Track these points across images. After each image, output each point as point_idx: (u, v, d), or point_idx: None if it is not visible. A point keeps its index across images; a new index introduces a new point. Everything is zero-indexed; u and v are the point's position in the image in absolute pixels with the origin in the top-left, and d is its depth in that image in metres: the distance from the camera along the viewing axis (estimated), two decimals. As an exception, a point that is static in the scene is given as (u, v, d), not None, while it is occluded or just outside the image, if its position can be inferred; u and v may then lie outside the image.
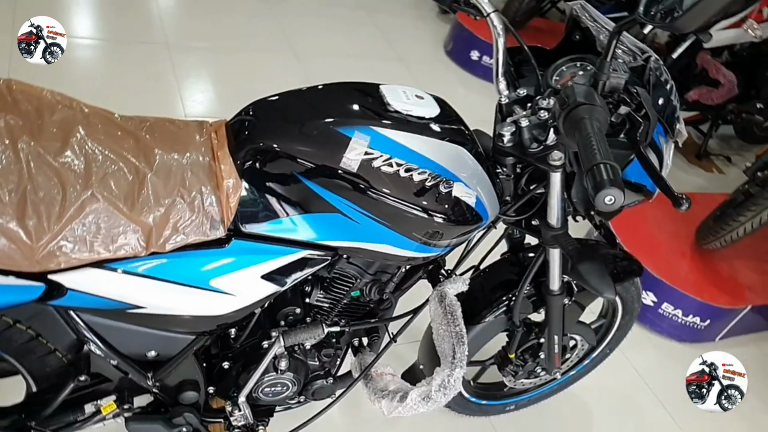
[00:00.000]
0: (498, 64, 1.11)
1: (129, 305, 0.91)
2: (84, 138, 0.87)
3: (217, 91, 2.88)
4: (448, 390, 1.16)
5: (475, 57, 3.77)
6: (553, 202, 1.14)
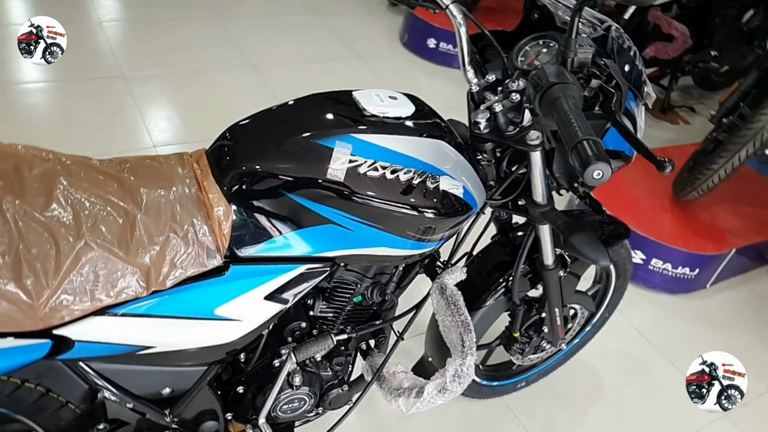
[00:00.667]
0: (464, 54, 1.12)
1: (138, 347, 0.91)
2: (67, 188, 0.87)
3: (182, 116, 2.86)
4: (462, 379, 1.18)
5: (432, 45, 3.79)
6: (537, 180, 1.16)
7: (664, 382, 2.06)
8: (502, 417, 1.84)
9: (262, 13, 3.93)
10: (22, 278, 0.78)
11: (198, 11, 3.72)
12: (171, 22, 3.53)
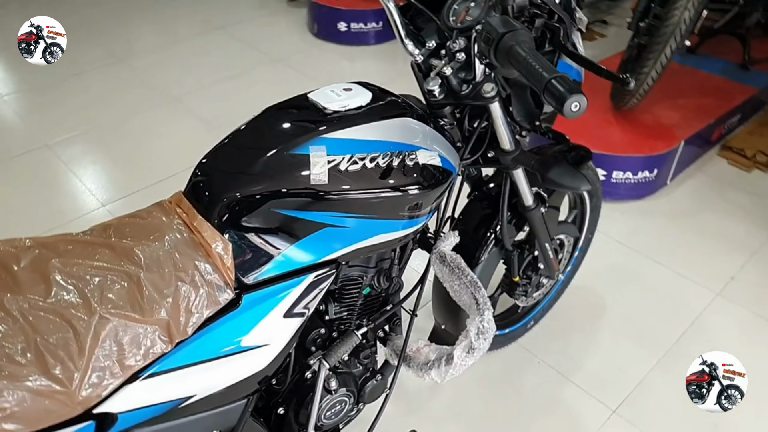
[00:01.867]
0: (398, 28, 1.14)
1: (180, 400, 0.91)
2: (62, 269, 0.85)
3: (121, 167, 2.78)
4: (486, 334, 1.21)
5: (343, 28, 3.78)
6: (501, 129, 1.19)
7: (657, 282, 2.16)
8: (522, 359, 1.90)
9: (164, 44, 3.82)
10: (50, 369, 0.76)
11: (98, 59, 3.60)
12: (74, 78, 3.40)
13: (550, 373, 1.86)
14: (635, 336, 1.96)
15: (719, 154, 2.79)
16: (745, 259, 2.24)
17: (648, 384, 1.81)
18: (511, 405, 1.78)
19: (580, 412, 1.75)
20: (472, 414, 1.75)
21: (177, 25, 4.06)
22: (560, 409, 1.76)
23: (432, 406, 1.78)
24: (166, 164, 2.70)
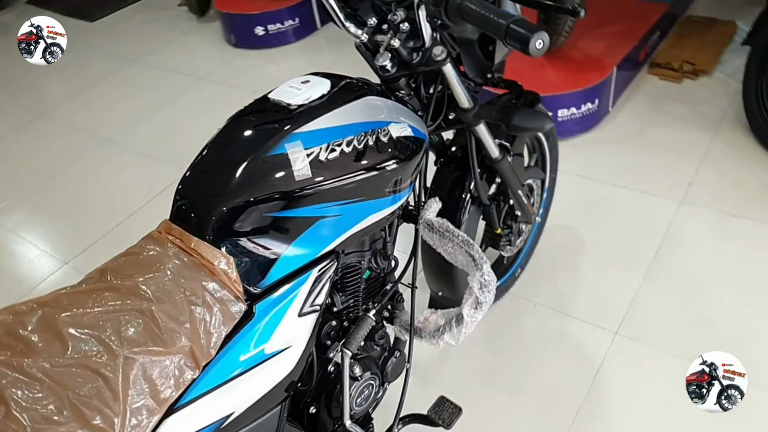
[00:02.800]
0: (337, 13, 1.14)
1: (221, 420, 0.90)
2: (72, 321, 0.83)
3: (74, 219, 2.69)
4: (489, 286, 1.25)
5: (260, 32, 3.74)
6: (457, 88, 1.22)
7: (623, 204, 2.25)
8: (518, 306, 1.96)
9: (79, 87, 3.68)
10: (90, 421, 0.75)
11: (16, 119, 3.45)
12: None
13: (548, 313, 1.93)
14: (616, 259, 2.05)
15: (649, 72, 2.91)
16: (697, 164, 2.36)
17: (640, 300, 1.90)
18: (521, 351, 1.83)
19: (585, 341, 1.82)
20: (487, 368, 1.80)
21: (88, 66, 3.91)
22: (566, 343, 1.83)
23: (446, 372, 1.81)
24: (120, 205, 2.63)
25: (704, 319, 1.81)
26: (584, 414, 1.64)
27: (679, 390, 1.65)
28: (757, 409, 1.56)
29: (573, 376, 1.74)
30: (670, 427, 1.58)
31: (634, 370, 1.72)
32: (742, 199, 2.17)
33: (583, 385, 1.71)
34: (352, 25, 1.15)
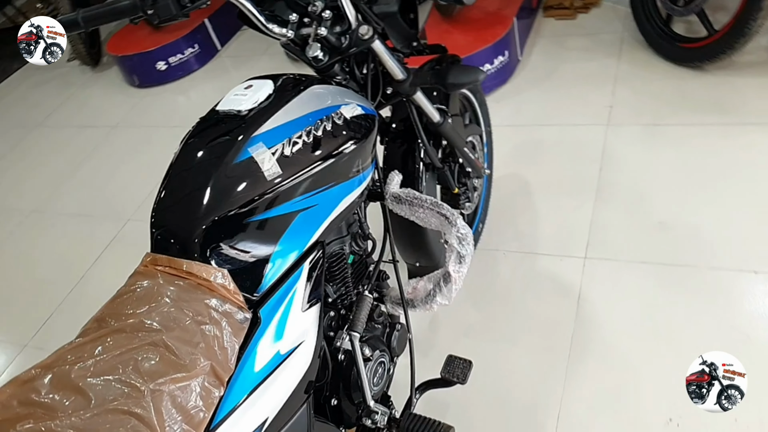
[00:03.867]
0: (258, 17, 1.15)
1: (258, 428, 0.91)
2: (86, 372, 0.81)
3: (20, 298, 2.56)
4: (467, 239, 1.30)
5: (163, 67, 3.67)
6: (389, 62, 1.26)
7: (556, 140, 2.37)
8: (488, 259, 2.03)
9: None
10: (137, 460, 0.75)
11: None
12: None
13: (518, 257, 2.01)
14: (565, 191, 2.15)
15: (545, 15, 3.06)
16: (611, 87, 2.50)
17: (597, 222, 2.01)
18: (504, 299, 1.90)
19: (559, 273, 1.91)
20: (479, 323, 1.86)
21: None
22: (543, 280, 1.91)
23: (442, 338, 1.86)
24: (68, 272, 2.54)
25: (659, 222, 1.93)
26: (578, 338, 1.73)
27: (653, 291, 1.77)
28: (717, 289, 1.70)
29: (558, 307, 1.82)
30: (656, 325, 1.69)
31: (611, 286, 1.83)
32: (660, 108, 2.32)
33: (570, 314, 1.79)
34: (275, 25, 1.17)
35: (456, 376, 1.34)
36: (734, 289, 1.71)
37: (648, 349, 1.66)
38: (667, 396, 1.56)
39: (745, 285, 1.71)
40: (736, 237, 1.82)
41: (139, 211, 2.75)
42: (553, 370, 1.68)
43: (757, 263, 1.74)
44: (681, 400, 1.54)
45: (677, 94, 2.36)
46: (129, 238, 2.63)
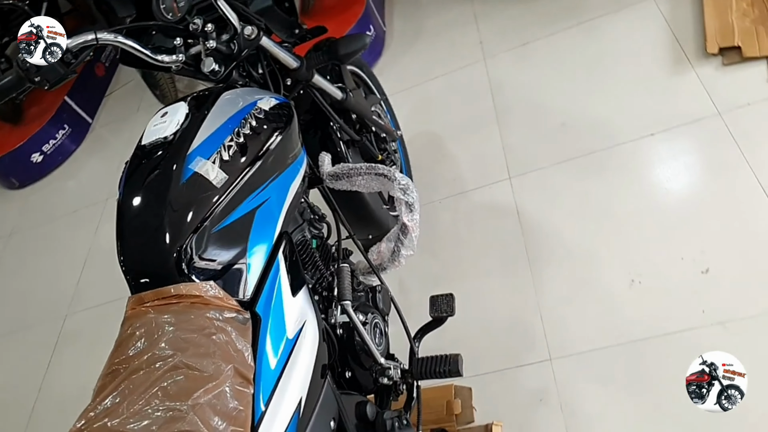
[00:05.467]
0: (145, 53, 1.17)
1: (296, 411, 0.95)
2: (122, 417, 0.82)
3: None
4: (409, 187, 1.37)
5: (39, 158, 3.49)
6: (281, 54, 1.32)
7: (446, 88, 2.52)
8: (428, 213, 2.13)
9: None
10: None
11: None
12: None
13: (452, 201, 2.12)
14: (471, 128, 2.29)
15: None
16: (474, 25, 2.67)
17: (508, 144, 2.16)
18: (455, 241, 2.01)
19: (493, 200, 2.05)
20: (440, 269, 1.96)
21: None
22: (481, 212, 2.04)
23: (413, 296, 1.94)
24: (25, 389, 2.40)
25: (560, 125, 2.11)
26: (532, 247, 1.87)
27: (577, 183, 1.94)
28: (628, 159, 1.90)
29: (504, 229, 1.95)
30: (591, 208, 1.86)
31: (540, 193, 1.98)
32: (523, 29, 2.51)
33: (516, 230, 1.93)
34: (164, 55, 1.20)
35: (444, 311, 1.42)
36: (641, 153, 1.91)
37: (592, 230, 1.82)
38: (623, 263, 1.73)
39: (648, 147, 1.91)
40: (625, 112, 2.03)
41: (74, 302, 2.64)
42: (522, 281, 1.81)
43: (650, 126, 1.94)
44: (636, 262, 1.72)
45: (532, 13, 2.56)
46: (74, 331, 2.52)
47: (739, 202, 1.71)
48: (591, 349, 1.63)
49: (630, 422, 1.49)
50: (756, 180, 1.71)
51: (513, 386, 1.66)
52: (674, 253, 1.70)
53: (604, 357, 1.61)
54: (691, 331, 1.56)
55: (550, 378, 1.63)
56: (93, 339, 2.40)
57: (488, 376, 1.69)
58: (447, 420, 1.63)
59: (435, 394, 1.68)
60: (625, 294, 1.68)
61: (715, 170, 1.81)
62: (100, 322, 2.46)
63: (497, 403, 1.64)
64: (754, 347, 1.49)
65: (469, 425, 1.63)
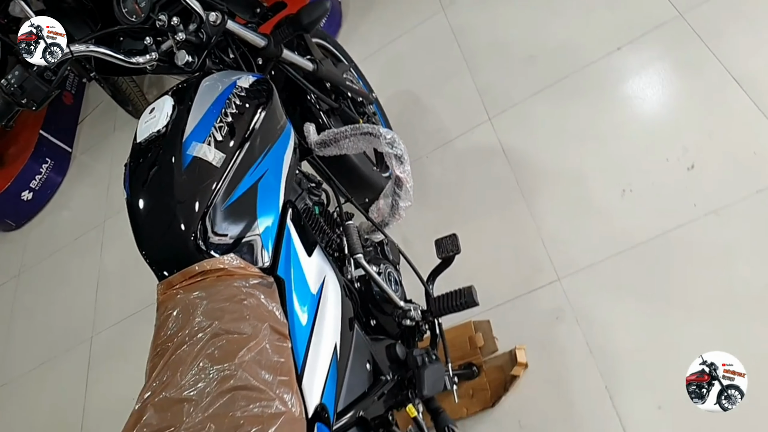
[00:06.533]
0: (119, 58, 1.21)
1: (333, 356, 1.02)
2: (178, 388, 0.88)
3: None
4: (395, 141, 1.42)
5: (29, 196, 3.52)
6: (247, 35, 1.36)
7: (413, 44, 2.55)
8: (418, 169, 2.19)
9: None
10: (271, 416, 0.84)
11: None
12: None
13: (439, 153, 2.18)
14: (442, 78, 2.34)
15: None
16: None
17: (481, 86, 2.21)
18: (449, 190, 2.08)
19: (478, 143, 2.10)
20: (440, 216, 2.02)
21: None
22: (470, 157, 2.09)
23: (417, 250, 1.99)
24: (67, 413, 2.48)
25: (528, 57, 2.16)
26: (523, 179, 1.94)
27: (555, 109, 2.00)
28: (601, 78, 1.95)
29: (494, 168, 2.01)
30: (572, 130, 1.92)
31: (521, 127, 2.04)
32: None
33: (505, 167, 1.99)
34: (137, 57, 1.24)
35: (450, 250, 1.48)
36: (612, 69, 1.97)
37: (577, 151, 1.89)
38: (612, 176, 1.79)
39: (617, 61, 1.97)
40: (588, 32, 2.08)
41: (97, 323, 2.71)
42: (519, 212, 1.88)
43: (615, 41, 2.00)
44: (624, 172, 1.79)
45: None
46: (103, 350, 2.59)
47: (712, 94, 1.78)
48: (595, 261, 1.71)
49: (644, 321, 1.58)
50: (724, 69, 1.78)
51: (528, 311, 1.74)
52: (659, 156, 1.77)
53: (609, 266, 1.69)
54: (687, 225, 1.64)
55: (561, 296, 1.71)
56: (122, 352, 2.47)
57: (503, 306, 1.77)
58: (472, 354, 1.71)
59: (456, 333, 1.76)
60: (619, 204, 1.75)
61: (685, 70, 1.87)
62: (125, 336, 2.53)
63: (516, 330, 1.71)
64: (750, 228, 1.57)
65: (494, 354, 1.71)
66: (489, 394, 1.66)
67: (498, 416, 1.64)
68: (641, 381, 1.51)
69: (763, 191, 1.59)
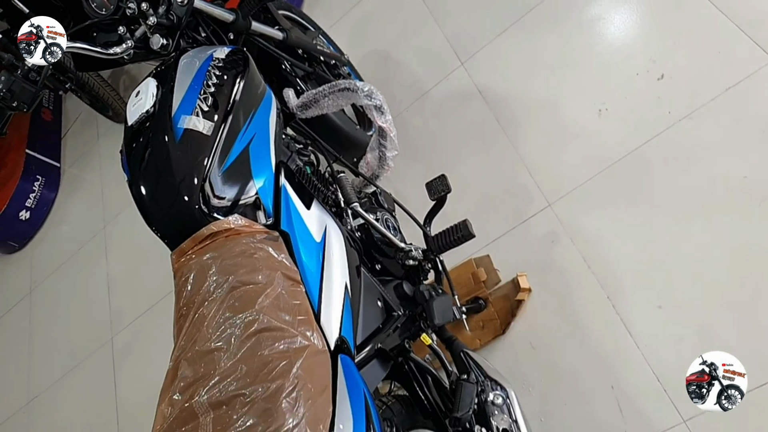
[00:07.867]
0: (97, 51, 1.25)
1: (345, 293, 1.09)
2: (206, 340, 0.95)
3: None
4: (373, 92, 1.46)
5: (26, 215, 3.56)
6: (216, 12, 1.40)
7: (377, 3, 2.57)
8: (399, 124, 2.23)
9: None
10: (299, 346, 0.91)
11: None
12: None
13: (417, 105, 2.23)
14: (409, 32, 2.38)
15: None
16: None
17: (449, 32, 2.25)
18: (432, 138, 2.13)
19: (454, 89, 2.15)
20: (428, 168, 2.08)
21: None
22: (448, 104, 2.15)
23: (411, 202, 2.07)
24: (102, 412, 2.57)
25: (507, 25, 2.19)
26: (501, 117, 1.99)
27: (526, 43, 2.04)
28: (558, 10, 1.99)
29: (472, 111, 2.07)
30: (545, 61, 1.97)
31: (495, 66, 2.09)
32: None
33: (483, 108, 2.05)
34: (114, 47, 1.28)
35: (441, 190, 1.53)
36: None
37: (549, 80, 1.94)
38: (586, 98, 1.85)
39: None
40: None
41: (114, 325, 2.78)
42: (502, 148, 1.94)
43: (571, -32, 2.03)
44: (597, 92, 1.84)
45: None
46: (125, 348, 2.67)
47: (670, 2, 1.83)
48: (582, 182, 1.78)
49: (635, 229, 1.65)
50: (679, -21, 1.82)
51: (524, 240, 1.81)
52: (628, 72, 1.82)
53: (596, 185, 1.76)
54: (664, 134, 1.70)
55: (554, 221, 1.78)
56: (145, 346, 2.55)
57: (500, 240, 1.84)
58: (477, 289, 1.78)
59: (459, 271, 1.83)
60: (596, 123, 1.81)
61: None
62: (145, 331, 2.60)
63: (516, 259, 1.79)
64: (725, 124, 1.63)
65: (498, 285, 1.78)
66: (498, 323, 1.75)
67: (510, 341, 1.73)
68: (640, 285, 1.59)
69: (732, 87, 1.65)
